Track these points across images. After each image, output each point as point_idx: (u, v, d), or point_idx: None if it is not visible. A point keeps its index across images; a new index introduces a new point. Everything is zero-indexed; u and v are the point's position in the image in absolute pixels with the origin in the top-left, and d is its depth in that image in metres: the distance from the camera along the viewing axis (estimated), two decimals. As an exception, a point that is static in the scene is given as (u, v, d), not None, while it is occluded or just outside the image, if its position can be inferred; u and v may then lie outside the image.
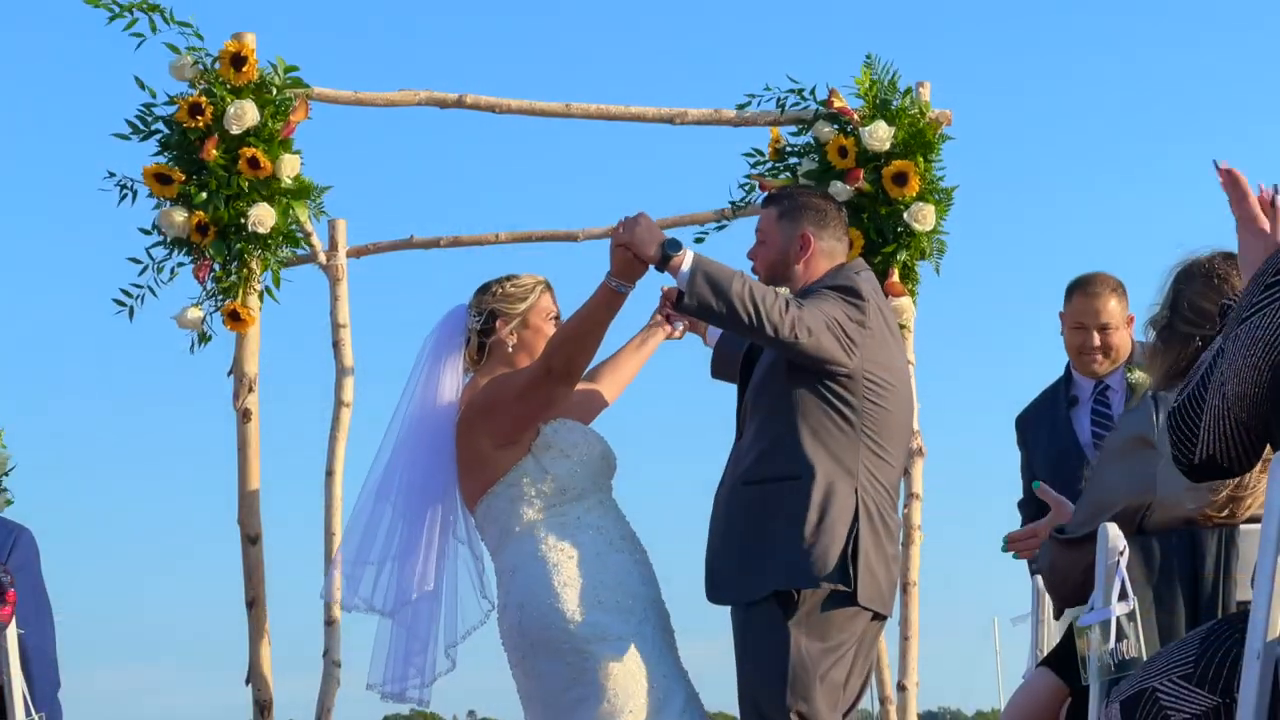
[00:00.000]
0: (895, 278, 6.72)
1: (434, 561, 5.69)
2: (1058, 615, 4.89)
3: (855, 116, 6.76)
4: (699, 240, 7.01)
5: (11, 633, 5.22)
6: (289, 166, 6.40)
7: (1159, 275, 4.79)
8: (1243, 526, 4.42)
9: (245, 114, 6.30)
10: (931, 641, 7.33)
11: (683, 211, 7.18)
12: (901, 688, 6.85)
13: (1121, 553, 4.31)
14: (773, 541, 5.28)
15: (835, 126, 6.79)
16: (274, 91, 6.43)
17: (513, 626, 5.46)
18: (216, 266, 6.41)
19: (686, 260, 5.21)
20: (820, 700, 5.24)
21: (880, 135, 6.69)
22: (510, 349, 5.62)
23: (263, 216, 6.34)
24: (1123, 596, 4.26)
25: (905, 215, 6.69)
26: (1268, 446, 3.35)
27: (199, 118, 6.32)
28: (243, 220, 6.35)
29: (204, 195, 6.34)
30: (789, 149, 6.96)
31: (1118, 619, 4.24)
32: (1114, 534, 4.33)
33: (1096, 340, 6.15)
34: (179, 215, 6.36)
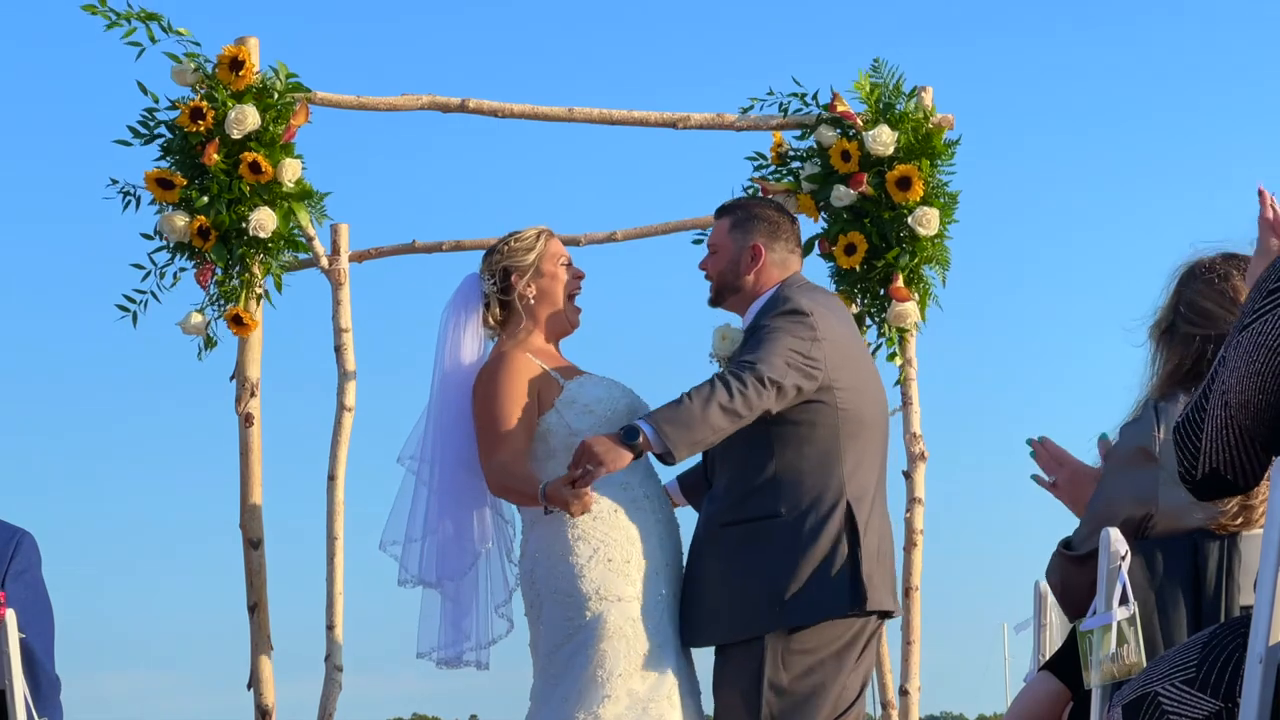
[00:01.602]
0: (900, 282, 6.71)
1: (487, 526, 5.70)
2: (1072, 620, 4.87)
3: (858, 121, 6.76)
4: (697, 242, 6.97)
5: (13, 636, 5.22)
6: (290, 171, 6.40)
7: (1164, 279, 4.79)
8: (1245, 532, 4.41)
9: (246, 118, 6.30)
10: (934, 646, 7.32)
11: (685, 216, 7.16)
12: (904, 692, 6.84)
13: (1123, 557, 4.30)
14: (764, 579, 5.27)
15: (838, 131, 6.79)
16: (275, 96, 6.43)
17: (527, 575, 5.49)
18: (218, 271, 6.41)
19: (648, 434, 5.20)
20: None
21: (884, 139, 6.68)
22: (531, 301, 5.63)
23: (264, 221, 6.34)
24: (1124, 601, 4.25)
25: (909, 220, 6.68)
26: (1273, 459, 3.32)
27: (200, 122, 6.31)
28: (244, 225, 6.35)
29: (205, 200, 6.34)
30: (791, 153, 6.95)
31: (1119, 623, 4.24)
32: (1115, 538, 4.33)
33: None
34: (180, 220, 6.36)
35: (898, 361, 6.86)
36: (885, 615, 5.46)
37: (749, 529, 5.32)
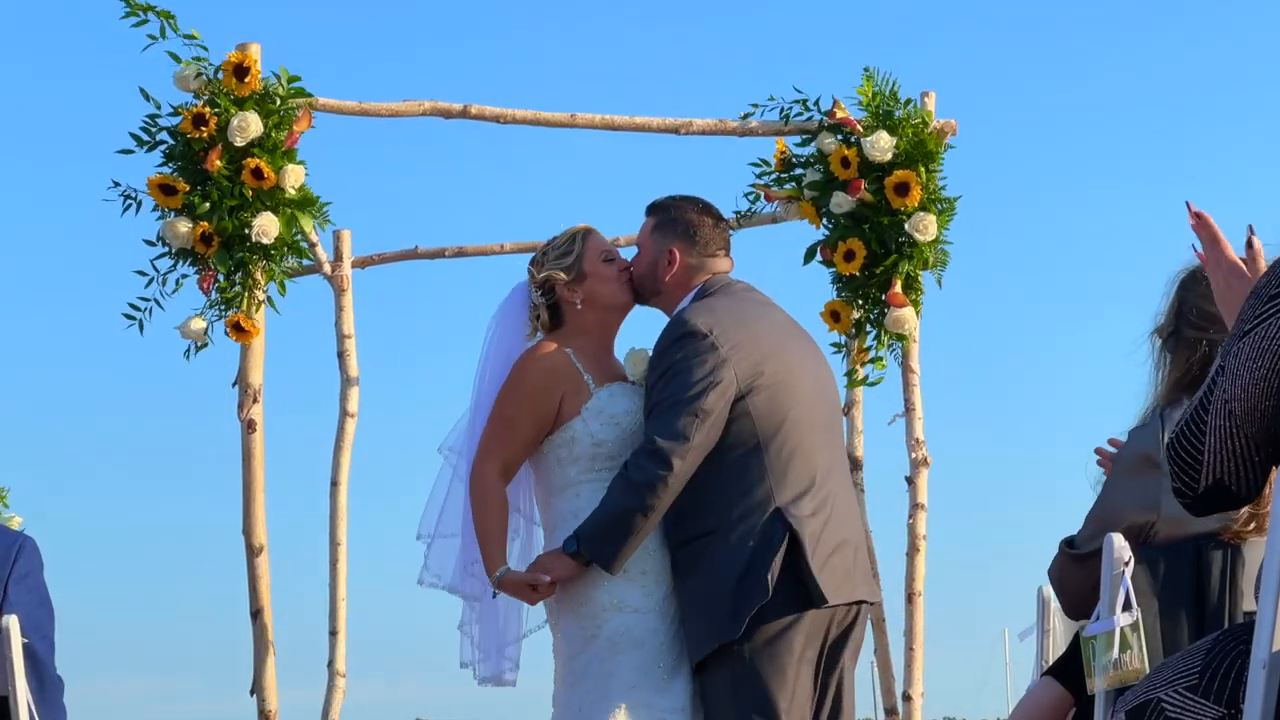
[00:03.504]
0: (898, 288, 6.71)
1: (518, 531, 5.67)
2: (1069, 616, 4.87)
3: (858, 127, 6.76)
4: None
5: (15, 640, 5.23)
6: (293, 177, 6.40)
7: (1164, 285, 4.79)
8: (1249, 538, 4.41)
9: (249, 125, 6.30)
10: (937, 651, 7.34)
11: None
12: (906, 698, 6.84)
13: (1126, 563, 4.31)
14: (706, 597, 5.27)
15: (839, 137, 6.80)
16: (278, 102, 6.43)
17: None
18: (221, 277, 6.41)
19: (585, 545, 5.25)
20: None
21: (882, 145, 6.68)
22: (578, 305, 5.58)
23: (266, 227, 6.34)
24: (1127, 607, 4.26)
25: (906, 225, 6.68)
26: (1275, 469, 3.29)
27: (203, 128, 6.32)
28: (247, 231, 6.35)
29: (208, 206, 6.34)
30: (794, 160, 6.95)
31: (1122, 629, 4.24)
32: (1119, 545, 4.33)
33: None
34: (183, 226, 6.36)
35: (881, 366, 6.87)
36: (858, 603, 5.41)
37: (692, 548, 5.33)
